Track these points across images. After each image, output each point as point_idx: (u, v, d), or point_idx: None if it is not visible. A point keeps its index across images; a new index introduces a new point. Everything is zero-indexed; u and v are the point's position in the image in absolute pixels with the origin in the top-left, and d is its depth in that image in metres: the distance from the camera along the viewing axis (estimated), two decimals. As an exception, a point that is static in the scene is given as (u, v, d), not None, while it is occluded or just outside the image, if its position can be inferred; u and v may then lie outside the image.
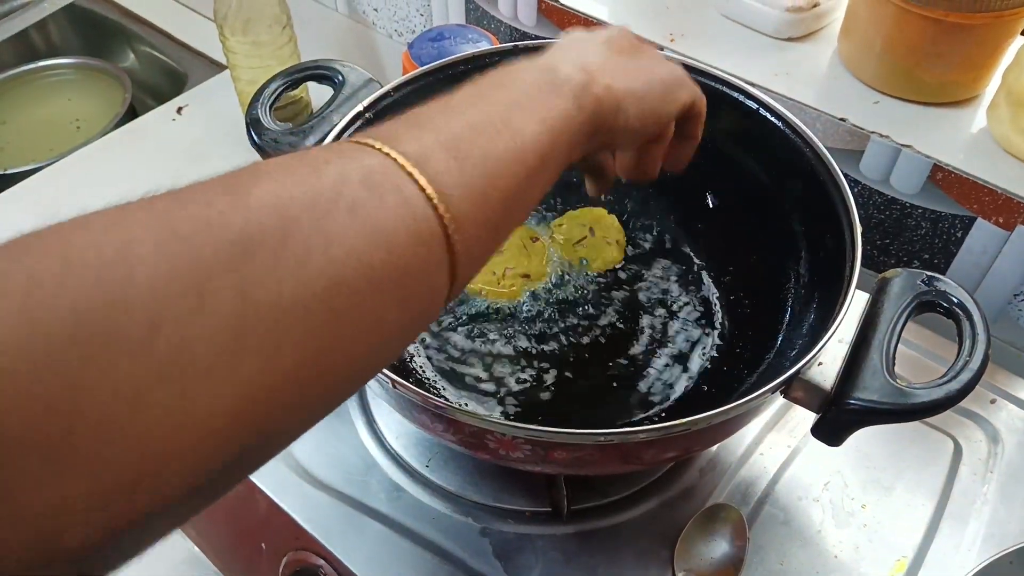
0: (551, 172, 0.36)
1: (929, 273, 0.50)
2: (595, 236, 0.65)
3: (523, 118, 0.35)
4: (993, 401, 0.63)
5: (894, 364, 0.47)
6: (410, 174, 0.30)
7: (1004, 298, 0.71)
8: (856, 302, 0.50)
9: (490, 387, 0.58)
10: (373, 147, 0.31)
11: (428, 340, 0.61)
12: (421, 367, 0.59)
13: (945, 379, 0.46)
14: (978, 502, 0.57)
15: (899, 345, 0.48)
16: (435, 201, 0.30)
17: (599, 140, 0.40)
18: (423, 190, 0.30)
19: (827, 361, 0.48)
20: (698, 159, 0.65)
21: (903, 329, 0.49)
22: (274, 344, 0.25)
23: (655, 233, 0.67)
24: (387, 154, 0.30)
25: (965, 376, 0.46)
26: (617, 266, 0.65)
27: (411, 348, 0.60)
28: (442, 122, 0.33)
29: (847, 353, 0.49)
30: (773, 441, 0.60)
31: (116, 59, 1.30)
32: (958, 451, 0.60)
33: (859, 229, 0.52)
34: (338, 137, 0.58)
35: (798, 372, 0.47)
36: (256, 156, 0.59)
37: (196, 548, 0.65)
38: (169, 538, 0.73)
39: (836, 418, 0.48)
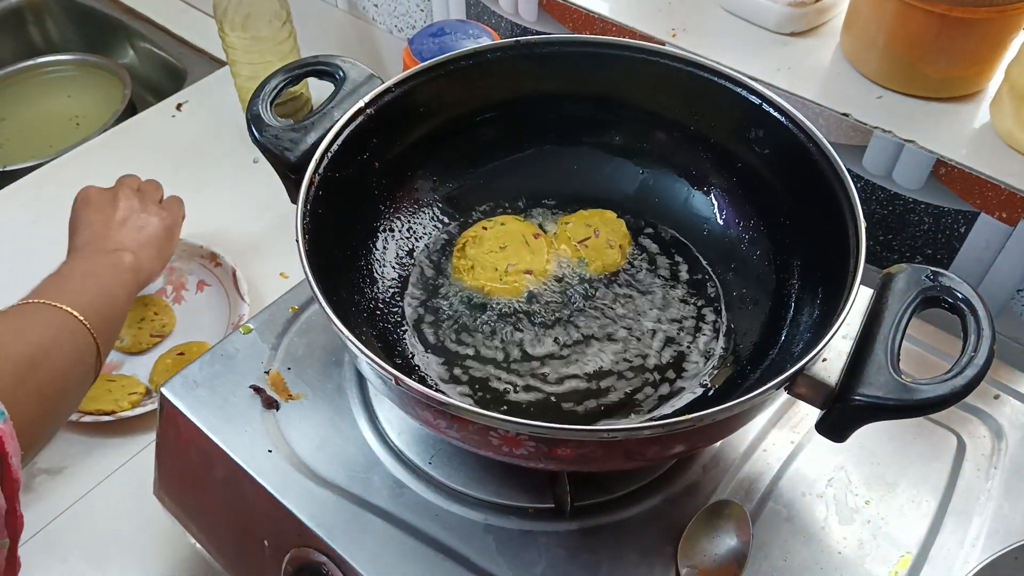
0: (128, 307, 0.74)
1: (933, 268, 0.50)
2: (599, 238, 0.65)
3: (120, 290, 0.72)
4: (997, 397, 0.63)
5: (899, 360, 0.47)
6: (81, 321, 0.65)
7: (1008, 293, 0.71)
8: (860, 298, 0.50)
9: (493, 383, 0.58)
10: (60, 307, 0.65)
11: (432, 337, 0.61)
12: (424, 363, 0.59)
13: (950, 375, 0.46)
14: (982, 498, 0.57)
15: (903, 341, 0.48)
16: (93, 333, 0.65)
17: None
18: (88, 329, 0.65)
19: (831, 357, 0.48)
20: (701, 155, 0.66)
21: (908, 325, 0.48)
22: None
23: (657, 229, 0.67)
24: (68, 311, 0.65)
25: (970, 372, 0.46)
26: (619, 268, 0.65)
27: (413, 346, 0.60)
28: (82, 289, 0.69)
29: (851, 349, 0.48)
30: (776, 437, 0.60)
31: (116, 55, 1.30)
32: (962, 447, 0.60)
33: (863, 224, 0.51)
34: (339, 134, 0.58)
35: (802, 368, 0.46)
36: (256, 151, 0.59)
37: (198, 545, 0.65)
38: (171, 535, 0.73)
39: (840, 414, 0.48)
